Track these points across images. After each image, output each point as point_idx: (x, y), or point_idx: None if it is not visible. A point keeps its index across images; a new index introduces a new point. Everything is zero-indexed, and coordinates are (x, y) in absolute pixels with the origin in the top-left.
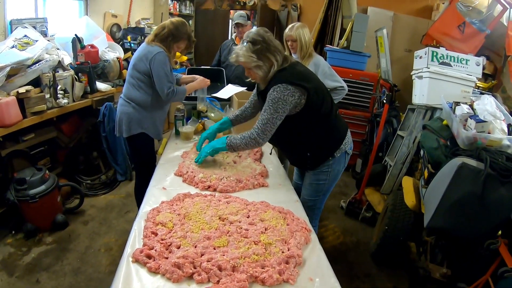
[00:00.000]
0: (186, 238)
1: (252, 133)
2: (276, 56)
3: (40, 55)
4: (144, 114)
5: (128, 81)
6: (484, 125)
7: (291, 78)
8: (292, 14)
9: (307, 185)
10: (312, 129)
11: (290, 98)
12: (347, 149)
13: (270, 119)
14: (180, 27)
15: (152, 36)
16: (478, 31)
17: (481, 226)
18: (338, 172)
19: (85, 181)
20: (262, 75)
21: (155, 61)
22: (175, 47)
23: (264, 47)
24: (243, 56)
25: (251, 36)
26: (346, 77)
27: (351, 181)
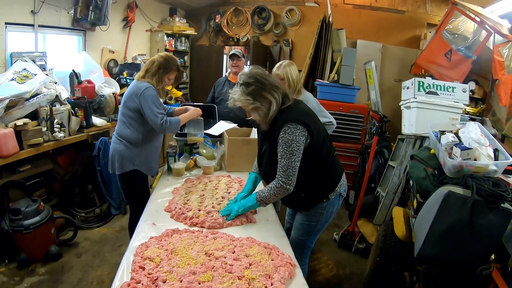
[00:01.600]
0: (172, 272)
1: (278, 182)
2: (273, 94)
3: (39, 89)
4: (136, 151)
5: (120, 119)
6: (470, 152)
7: (300, 117)
8: (284, 49)
9: (298, 225)
10: (309, 171)
11: (301, 138)
12: (341, 192)
13: (289, 164)
14: (169, 59)
15: (142, 72)
16: (464, 57)
17: (472, 253)
18: (331, 214)
19: (80, 214)
20: (262, 116)
21: (144, 96)
22: (166, 78)
23: (258, 87)
24: (239, 101)
25: (243, 79)
26: (336, 110)
27: (344, 212)
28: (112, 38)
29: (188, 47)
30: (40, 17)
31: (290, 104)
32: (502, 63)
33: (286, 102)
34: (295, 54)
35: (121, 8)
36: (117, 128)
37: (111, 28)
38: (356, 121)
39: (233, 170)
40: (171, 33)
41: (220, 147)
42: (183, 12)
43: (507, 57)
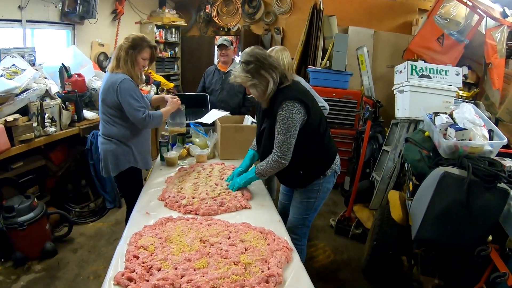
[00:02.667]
0: (167, 260)
1: (274, 157)
2: (271, 73)
3: (28, 84)
4: (128, 147)
5: (102, 118)
6: (465, 132)
7: (298, 95)
8: (275, 37)
9: (297, 203)
10: (308, 148)
11: (298, 116)
12: (336, 169)
13: (285, 140)
14: (137, 38)
15: (113, 62)
16: (457, 42)
17: (470, 234)
18: (327, 190)
19: (74, 209)
20: (260, 93)
21: (120, 90)
22: (140, 59)
23: (258, 66)
24: (239, 77)
25: (244, 57)
26: (329, 96)
27: (340, 199)
28: (101, 31)
29: (178, 38)
30: (28, 12)
31: (289, 83)
32: (495, 46)
33: (284, 82)
34: (286, 42)
35: (110, 1)
36: (102, 128)
37: (100, 21)
38: (350, 107)
39: (227, 157)
40: (161, 24)
41: (213, 135)
42: (173, 3)
43: (500, 41)
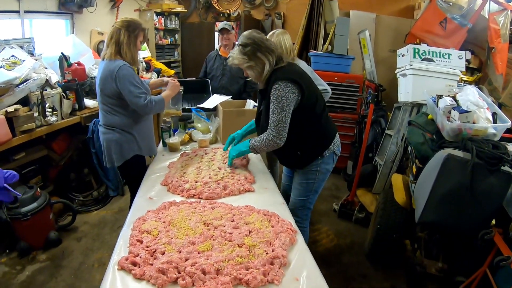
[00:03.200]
0: (171, 244)
1: (269, 135)
2: (268, 56)
3: (28, 74)
4: (132, 135)
5: (102, 108)
6: (468, 115)
7: (291, 75)
8: (276, 22)
9: (297, 185)
10: (304, 128)
11: (291, 95)
12: (335, 150)
13: (279, 119)
14: (132, 21)
15: (113, 47)
16: (460, 26)
17: (473, 217)
18: (326, 172)
19: (77, 198)
20: (256, 74)
21: (119, 77)
22: (138, 42)
23: (255, 48)
24: (236, 58)
25: (242, 40)
26: (331, 80)
27: (343, 183)
28: (100, 20)
29: (178, 25)
30: (26, 2)
31: (284, 65)
32: (498, 31)
33: (280, 63)
34: (287, 27)
35: None
36: (102, 118)
37: (98, 9)
38: (352, 91)
39: None
40: (160, 11)
41: (215, 119)
42: None
43: (503, 25)
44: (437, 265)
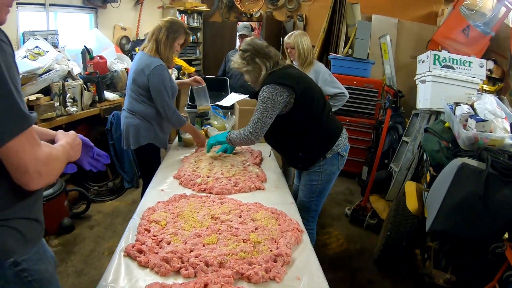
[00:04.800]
0: (177, 235)
1: (246, 130)
2: (265, 62)
3: (51, 65)
4: (151, 124)
5: (130, 95)
6: (485, 124)
7: (279, 79)
8: (298, 24)
9: (302, 185)
10: (302, 129)
11: (278, 98)
12: (340, 151)
13: (260, 118)
14: (175, 22)
15: (152, 43)
16: (482, 34)
17: (485, 229)
18: (331, 173)
19: (93, 188)
20: (252, 79)
21: (154, 75)
22: (176, 44)
23: (253, 54)
24: (236, 63)
25: (243, 46)
26: (350, 84)
27: (357, 188)
28: (123, 16)
29: (200, 23)
30: None
31: (276, 69)
32: None
33: (274, 68)
34: (309, 29)
35: None
36: (128, 104)
37: (122, 5)
38: (370, 96)
39: None
40: (183, 9)
41: (231, 117)
42: None
43: None
44: (446, 277)
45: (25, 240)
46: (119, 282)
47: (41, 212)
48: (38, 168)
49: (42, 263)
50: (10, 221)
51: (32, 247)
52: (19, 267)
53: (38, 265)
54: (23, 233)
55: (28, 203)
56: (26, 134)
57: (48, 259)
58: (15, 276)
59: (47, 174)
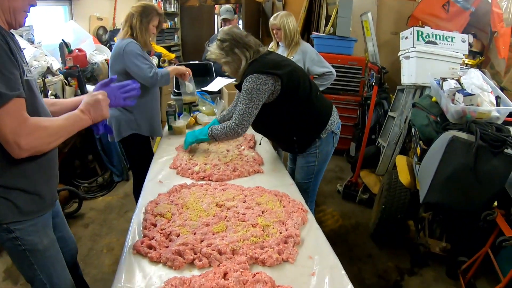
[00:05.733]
0: (185, 226)
1: (231, 124)
2: (245, 52)
3: (29, 62)
4: (132, 114)
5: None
6: (472, 98)
7: (262, 68)
8: (277, 4)
9: (299, 168)
10: (293, 114)
11: (263, 87)
12: (333, 129)
13: (246, 109)
14: (145, 5)
15: (126, 29)
16: (462, 9)
17: (476, 198)
18: (327, 153)
19: (83, 185)
20: (232, 70)
21: (126, 52)
22: (151, 26)
23: (232, 44)
24: (214, 53)
25: (220, 35)
26: (334, 62)
27: (346, 165)
28: (99, 5)
29: (177, 8)
30: None
31: (257, 57)
32: (501, 15)
33: (255, 57)
34: (288, 9)
35: None
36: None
37: None
38: (354, 73)
39: None
40: None
41: (220, 102)
42: None
43: (506, 9)
44: (441, 245)
45: (19, 212)
46: (134, 281)
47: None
48: (16, 140)
49: (37, 235)
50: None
51: (29, 219)
52: (12, 234)
53: (32, 237)
54: (17, 205)
55: (27, 175)
56: (5, 110)
57: (47, 234)
58: (9, 241)
59: (29, 145)
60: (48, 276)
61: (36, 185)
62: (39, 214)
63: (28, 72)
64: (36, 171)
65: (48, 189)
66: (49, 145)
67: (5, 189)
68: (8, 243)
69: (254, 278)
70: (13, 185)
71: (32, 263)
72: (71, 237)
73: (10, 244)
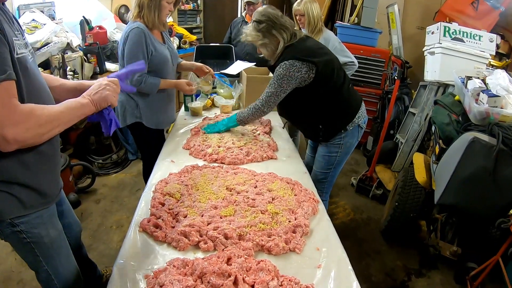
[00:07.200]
0: (193, 207)
1: (257, 104)
2: (282, 33)
3: (49, 38)
4: (136, 101)
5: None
6: (497, 99)
7: (298, 54)
8: None
9: (320, 157)
10: (323, 102)
11: (296, 74)
12: (360, 123)
13: (274, 92)
14: None
15: (136, 9)
16: (492, 8)
17: (493, 204)
18: (350, 145)
19: (97, 161)
20: (269, 52)
21: (127, 40)
22: (165, 2)
23: (269, 25)
24: (250, 35)
25: (256, 16)
26: (357, 53)
27: (362, 159)
28: None
29: None
30: None
31: (294, 42)
32: None
33: (292, 40)
34: None
35: None
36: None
37: None
38: (377, 66)
39: None
40: None
41: (238, 86)
42: None
43: None
44: (452, 249)
45: (23, 206)
46: (136, 259)
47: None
48: (3, 132)
49: (43, 228)
50: (8, 185)
51: (33, 212)
52: (16, 228)
53: (38, 229)
54: (21, 199)
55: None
56: None
57: (54, 225)
58: (13, 234)
59: (17, 138)
60: (53, 266)
61: (38, 177)
62: (44, 207)
63: (22, 48)
64: (36, 162)
65: (51, 181)
66: (42, 137)
67: (6, 183)
68: (12, 236)
69: (258, 265)
70: (14, 179)
71: (37, 255)
72: (76, 221)
73: (15, 237)
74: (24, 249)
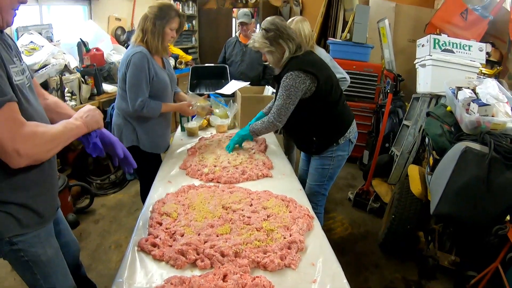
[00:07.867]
0: (190, 226)
1: (270, 118)
2: (288, 43)
3: (47, 59)
4: (133, 126)
5: (118, 91)
6: (487, 108)
7: (304, 66)
8: (295, 9)
9: (313, 170)
10: (319, 115)
11: (301, 85)
12: (351, 138)
13: (283, 105)
14: (163, 6)
15: (138, 33)
16: (481, 17)
17: (488, 211)
18: (342, 159)
19: (95, 181)
20: (275, 60)
21: (130, 64)
22: (168, 30)
23: (277, 34)
24: (257, 42)
25: (265, 25)
26: (350, 69)
27: (359, 173)
28: (117, 6)
29: (195, 11)
30: None
31: (300, 54)
32: None
33: (298, 52)
34: (305, 14)
35: None
36: (116, 101)
37: None
38: (370, 80)
39: None
40: None
41: (233, 105)
42: None
43: None
44: (450, 258)
45: (20, 225)
46: (135, 277)
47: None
48: (16, 147)
49: (40, 246)
50: (6, 205)
51: (30, 231)
52: (14, 247)
53: (35, 248)
54: (18, 218)
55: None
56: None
57: (51, 244)
58: (11, 252)
59: (28, 152)
60: (51, 284)
61: (35, 198)
62: (41, 227)
63: (18, 75)
64: (34, 183)
65: (47, 201)
66: (48, 153)
67: (3, 203)
68: (10, 255)
69: (253, 281)
70: (12, 199)
71: (35, 273)
72: (74, 240)
73: (13, 255)
74: (22, 268)
